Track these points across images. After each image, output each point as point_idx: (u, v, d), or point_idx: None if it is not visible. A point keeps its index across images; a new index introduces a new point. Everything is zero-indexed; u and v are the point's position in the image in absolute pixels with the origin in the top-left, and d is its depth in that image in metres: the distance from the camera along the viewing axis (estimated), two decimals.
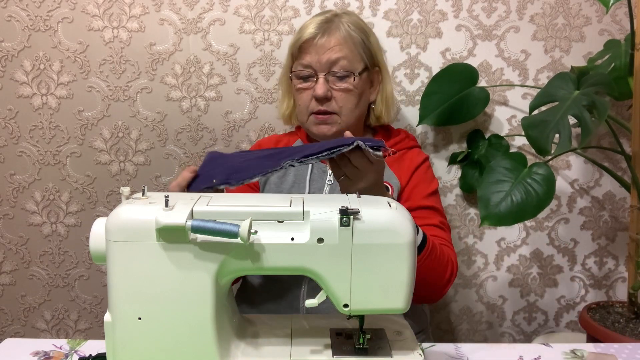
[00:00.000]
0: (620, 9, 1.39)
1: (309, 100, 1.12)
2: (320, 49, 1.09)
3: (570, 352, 0.89)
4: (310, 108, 1.12)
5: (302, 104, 1.13)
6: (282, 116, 1.24)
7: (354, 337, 0.78)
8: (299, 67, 1.12)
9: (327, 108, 1.11)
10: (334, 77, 1.10)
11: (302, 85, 1.12)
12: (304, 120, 1.15)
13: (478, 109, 1.37)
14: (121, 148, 1.44)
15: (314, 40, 1.09)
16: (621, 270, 1.53)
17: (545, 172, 1.15)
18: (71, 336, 1.56)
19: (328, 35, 1.09)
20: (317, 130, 1.13)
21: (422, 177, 1.17)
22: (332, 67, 1.10)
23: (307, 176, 1.14)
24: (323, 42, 1.09)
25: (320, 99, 1.10)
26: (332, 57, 1.09)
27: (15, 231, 1.49)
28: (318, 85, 1.10)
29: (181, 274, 0.69)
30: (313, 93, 1.10)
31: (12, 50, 1.39)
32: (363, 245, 0.69)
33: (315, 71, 1.10)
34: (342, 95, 1.11)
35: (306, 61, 1.11)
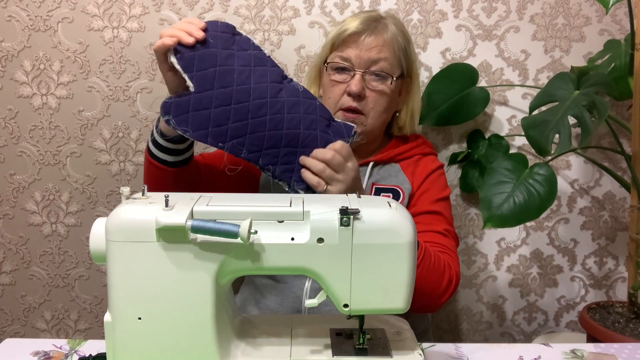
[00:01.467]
0: (620, 9, 1.39)
1: (341, 95, 1.09)
2: (363, 45, 1.07)
3: (570, 352, 0.89)
4: (340, 103, 1.09)
5: (333, 97, 1.10)
6: None
7: (354, 337, 0.78)
8: (337, 59, 1.09)
9: (358, 106, 1.08)
10: (371, 76, 1.08)
11: (336, 78, 1.10)
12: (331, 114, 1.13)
13: (478, 109, 1.37)
14: (121, 148, 1.44)
15: (359, 35, 1.07)
16: (621, 270, 1.53)
17: (547, 173, 1.15)
18: (71, 336, 1.56)
19: (375, 33, 1.07)
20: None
21: (432, 184, 1.15)
22: (372, 66, 1.08)
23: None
24: (369, 39, 1.07)
25: (353, 95, 1.07)
26: (374, 56, 1.07)
27: (15, 231, 1.49)
28: (354, 81, 1.07)
29: (181, 274, 0.69)
30: (347, 88, 1.08)
31: (12, 50, 1.39)
32: (363, 245, 0.70)
33: (353, 66, 1.08)
34: (375, 97, 1.09)
35: (346, 54, 1.08)
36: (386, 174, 1.15)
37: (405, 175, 1.14)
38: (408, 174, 1.15)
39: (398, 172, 1.15)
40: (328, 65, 1.10)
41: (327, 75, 1.11)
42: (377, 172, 1.15)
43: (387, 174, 1.15)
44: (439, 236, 1.08)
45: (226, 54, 0.94)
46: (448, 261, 1.02)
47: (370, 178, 1.13)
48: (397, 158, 1.17)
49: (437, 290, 1.00)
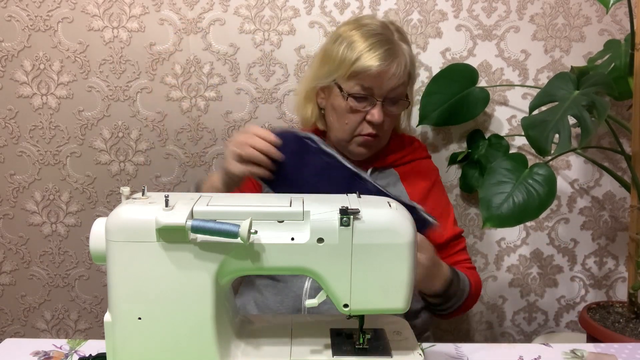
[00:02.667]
0: (620, 9, 1.39)
1: (359, 122, 1.09)
2: (385, 75, 1.05)
3: (570, 352, 0.89)
4: (358, 130, 1.09)
5: (350, 124, 1.09)
6: (306, 122, 1.19)
7: (354, 337, 0.78)
8: (357, 88, 1.07)
9: (377, 132, 1.09)
10: (388, 102, 1.08)
11: (356, 107, 1.08)
12: (346, 139, 1.11)
13: (478, 109, 1.37)
14: (121, 148, 1.44)
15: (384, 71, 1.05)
16: (621, 270, 1.53)
17: (546, 173, 1.15)
18: (71, 336, 1.56)
19: (395, 62, 1.06)
20: (357, 150, 1.12)
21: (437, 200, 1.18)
22: (391, 93, 1.08)
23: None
24: (389, 70, 1.05)
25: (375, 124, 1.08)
26: (394, 85, 1.07)
27: (15, 231, 1.49)
28: (376, 112, 1.07)
29: (181, 274, 0.69)
30: (368, 117, 1.07)
31: (12, 50, 1.39)
32: (363, 245, 0.69)
33: (374, 95, 1.07)
34: (390, 120, 1.11)
35: (369, 84, 1.06)
36: (385, 183, 1.15)
37: (404, 185, 1.15)
38: (406, 184, 1.16)
39: (397, 182, 1.16)
40: (349, 95, 1.07)
41: (342, 101, 1.08)
42: (376, 177, 1.15)
43: (385, 183, 1.15)
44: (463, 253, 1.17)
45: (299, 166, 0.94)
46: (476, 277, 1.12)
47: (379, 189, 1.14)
48: (395, 164, 1.17)
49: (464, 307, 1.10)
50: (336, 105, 1.10)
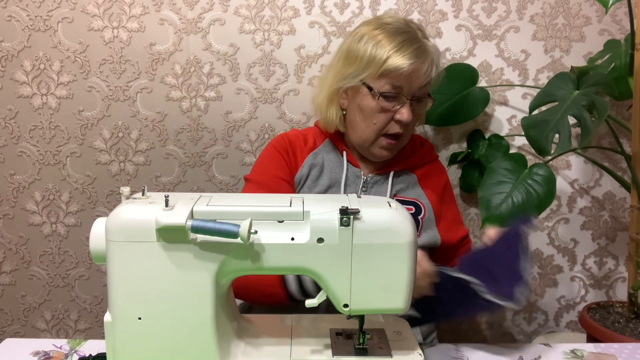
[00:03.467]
0: (620, 9, 1.39)
1: (387, 121, 1.07)
2: (415, 74, 1.05)
3: (570, 352, 0.89)
4: (386, 129, 1.08)
5: (379, 123, 1.08)
6: (329, 124, 1.15)
7: (354, 337, 0.78)
8: (388, 88, 1.05)
9: (403, 131, 1.09)
10: (415, 100, 1.08)
11: (386, 106, 1.06)
12: (371, 139, 1.09)
13: (478, 109, 1.37)
14: (121, 148, 1.44)
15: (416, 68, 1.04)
16: (621, 270, 1.53)
17: (546, 173, 1.15)
18: (71, 336, 1.56)
19: (426, 62, 1.06)
20: (379, 152, 1.10)
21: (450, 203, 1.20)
22: (418, 91, 1.07)
23: (342, 180, 1.12)
24: (421, 67, 1.05)
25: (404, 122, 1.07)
26: (423, 83, 1.06)
27: (15, 231, 1.49)
28: (405, 110, 1.05)
29: (181, 274, 0.69)
30: (397, 116, 1.06)
31: (12, 50, 1.39)
32: (363, 245, 0.70)
33: (403, 93, 1.06)
34: (415, 119, 1.10)
35: (399, 83, 1.05)
36: (405, 185, 1.15)
37: (422, 188, 1.15)
38: (424, 187, 1.16)
39: (415, 185, 1.16)
40: (380, 94, 1.06)
41: (372, 100, 1.07)
42: (397, 181, 1.15)
43: (406, 185, 1.15)
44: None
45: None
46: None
47: (393, 188, 1.13)
48: (413, 167, 1.17)
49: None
50: (364, 106, 1.08)
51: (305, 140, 1.17)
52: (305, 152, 1.14)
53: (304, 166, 1.12)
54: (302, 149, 1.15)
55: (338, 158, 1.15)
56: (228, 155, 1.45)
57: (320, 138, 1.18)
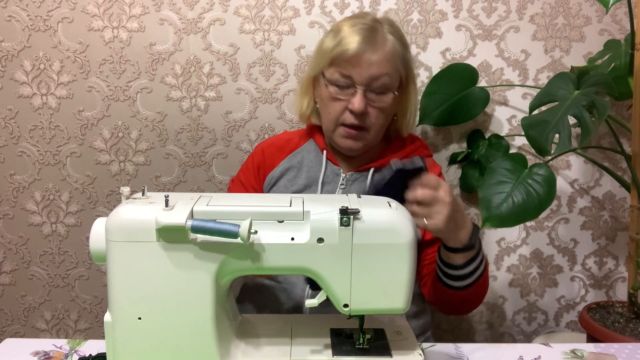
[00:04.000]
0: (620, 9, 1.39)
1: (342, 111, 1.07)
2: (364, 62, 1.04)
3: (570, 352, 0.89)
4: (341, 119, 1.08)
5: (333, 113, 1.08)
6: (301, 115, 1.19)
7: (354, 337, 0.78)
8: (337, 75, 1.06)
9: (360, 123, 1.07)
10: (372, 92, 1.06)
11: (337, 95, 1.07)
12: (331, 129, 1.11)
13: (478, 109, 1.37)
14: (121, 148, 1.44)
15: (361, 54, 1.04)
16: (621, 270, 1.53)
17: (546, 173, 1.15)
18: (71, 336, 1.56)
19: (375, 49, 1.04)
20: (342, 143, 1.10)
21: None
22: (373, 82, 1.05)
23: (319, 178, 1.13)
24: (370, 56, 1.04)
25: (356, 113, 1.06)
26: (375, 73, 1.05)
27: (15, 231, 1.49)
28: (356, 100, 1.05)
29: (181, 274, 0.69)
30: (349, 106, 1.06)
31: (12, 50, 1.39)
32: (363, 245, 0.70)
33: (355, 83, 1.05)
34: (376, 112, 1.08)
35: (347, 72, 1.05)
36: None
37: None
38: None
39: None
40: (328, 82, 1.08)
41: (326, 89, 1.09)
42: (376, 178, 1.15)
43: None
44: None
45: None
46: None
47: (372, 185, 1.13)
48: None
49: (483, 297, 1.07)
50: (322, 95, 1.10)
51: (289, 141, 1.20)
52: (284, 153, 1.18)
53: (278, 168, 1.16)
54: (281, 151, 1.18)
55: (318, 157, 1.16)
56: (228, 155, 1.45)
57: (305, 138, 1.21)
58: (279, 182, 1.15)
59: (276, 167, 1.16)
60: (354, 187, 1.13)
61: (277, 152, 1.18)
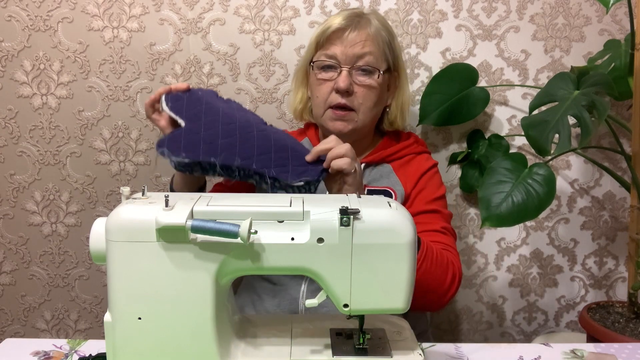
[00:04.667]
0: (620, 9, 1.39)
1: (329, 92, 1.09)
2: (348, 41, 1.06)
3: (570, 352, 0.89)
4: (329, 101, 1.09)
5: (321, 96, 1.10)
6: (294, 111, 1.21)
7: (354, 337, 0.78)
8: (322, 57, 1.09)
9: (347, 102, 1.08)
10: (358, 71, 1.08)
11: (323, 76, 1.09)
12: (320, 113, 1.11)
13: (478, 109, 1.37)
14: (121, 148, 1.44)
15: (343, 31, 1.06)
16: (621, 270, 1.53)
17: (546, 173, 1.15)
18: (71, 336, 1.56)
19: (358, 29, 1.07)
20: (332, 126, 1.10)
21: (427, 183, 1.15)
22: (358, 61, 1.07)
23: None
24: (352, 35, 1.06)
25: (341, 91, 1.07)
26: (359, 51, 1.06)
27: (15, 231, 1.49)
28: (341, 78, 1.06)
29: (181, 274, 0.69)
30: (335, 85, 1.07)
31: (12, 50, 1.39)
32: (363, 245, 0.69)
33: (339, 63, 1.07)
34: (364, 92, 1.08)
35: (331, 51, 1.07)
36: (378, 176, 1.14)
37: (397, 176, 1.14)
38: (400, 175, 1.15)
39: (390, 173, 1.15)
40: (314, 65, 1.10)
41: (313, 74, 1.11)
42: (369, 173, 1.15)
43: (379, 176, 1.14)
44: (438, 234, 1.07)
45: (211, 99, 1.04)
46: (450, 258, 1.02)
47: (364, 179, 1.13)
48: (389, 159, 1.17)
49: (441, 287, 1.00)
50: (311, 83, 1.13)
51: None
52: None
53: None
54: None
55: None
56: None
57: (301, 137, 1.22)
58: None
59: None
60: None
61: None
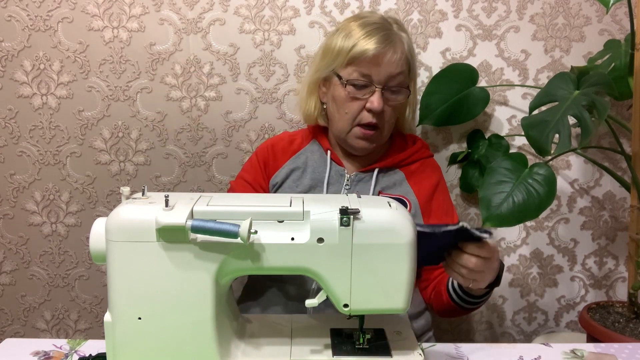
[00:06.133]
0: (620, 9, 1.39)
1: (359, 110, 1.08)
2: (384, 62, 1.06)
3: (570, 352, 0.89)
4: (359, 119, 1.09)
5: (350, 113, 1.09)
6: (307, 116, 1.20)
7: (354, 337, 0.78)
8: (356, 75, 1.07)
9: (377, 121, 1.08)
10: (388, 90, 1.08)
11: (356, 94, 1.08)
12: (346, 129, 1.11)
13: (478, 109, 1.37)
14: (121, 148, 1.44)
15: (382, 55, 1.05)
16: (621, 270, 1.53)
17: (546, 173, 1.15)
18: (71, 336, 1.56)
19: (395, 49, 1.06)
20: (357, 144, 1.11)
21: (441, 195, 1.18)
22: (390, 81, 1.07)
23: (325, 179, 1.13)
24: (388, 56, 1.06)
25: (375, 112, 1.07)
26: (393, 72, 1.06)
27: (15, 231, 1.49)
28: (375, 99, 1.06)
29: (181, 274, 0.69)
30: (367, 105, 1.07)
31: (12, 50, 1.39)
32: (363, 245, 0.70)
33: (373, 82, 1.07)
34: (391, 110, 1.10)
35: (367, 71, 1.06)
36: (391, 182, 1.15)
37: (410, 185, 1.15)
38: (412, 183, 1.15)
39: (402, 181, 1.16)
40: (347, 81, 1.08)
41: (342, 89, 1.09)
42: (382, 178, 1.15)
43: (392, 182, 1.15)
44: None
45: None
46: None
47: (377, 185, 1.14)
48: (401, 164, 1.17)
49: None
50: (336, 95, 1.10)
51: (291, 142, 1.20)
52: (288, 154, 1.18)
53: (283, 169, 1.16)
54: (285, 152, 1.18)
55: (322, 157, 1.16)
56: (228, 155, 1.45)
57: (307, 139, 1.21)
58: (285, 183, 1.15)
59: (281, 168, 1.16)
60: (359, 187, 1.13)
61: (281, 154, 1.18)
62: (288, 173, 1.15)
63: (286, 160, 1.17)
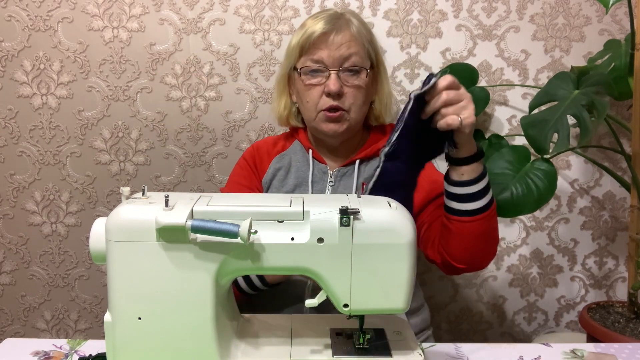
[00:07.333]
0: (620, 9, 1.39)
1: (319, 96, 1.09)
2: (332, 44, 1.07)
3: (570, 352, 0.89)
4: (320, 104, 1.09)
5: (311, 101, 1.10)
6: (279, 117, 1.21)
7: (354, 337, 0.78)
8: (309, 62, 1.09)
9: (339, 104, 1.08)
10: (345, 72, 1.08)
11: (311, 81, 1.09)
12: (312, 117, 1.12)
13: (478, 109, 1.37)
14: (121, 148, 1.44)
15: (327, 35, 1.07)
16: (621, 270, 1.53)
17: (547, 168, 1.15)
18: (71, 336, 1.56)
19: (340, 31, 1.08)
20: (326, 128, 1.11)
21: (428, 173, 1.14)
22: (345, 62, 1.07)
23: (309, 178, 1.14)
24: (337, 37, 1.07)
25: (333, 94, 1.07)
26: (345, 53, 1.07)
27: (15, 231, 1.49)
28: (331, 81, 1.07)
29: (181, 274, 0.69)
30: (325, 89, 1.08)
31: (12, 50, 1.39)
32: (363, 245, 0.69)
33: (327, 66, 1.07)
34: (353, 92, 1.09)
35: (317, 56, 1.07)
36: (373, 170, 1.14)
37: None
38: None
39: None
40: (301, 71, 1.10)
41: (300, 80, 1.11)
42: (364, 169, 1.15)
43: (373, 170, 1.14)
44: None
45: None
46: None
47: (360, 177, 1.14)
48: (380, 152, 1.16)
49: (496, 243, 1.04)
50: (298, 88, 1.12)
51: (275, 144, 1.22)
52: (272, 155, 1.19)
53: (269, 170, 1.17)
54: (269, 153, 1.19)
55: (305, 157, 1.17)
56: (228, 155, 1.45)
57: (290, 140, 1.22)
58: (271, 184, 1.16)
59: (267, 170, 1.17)
60: (343, 182, 1.13)
61: (266, 155, 1.20)
62: (274, 173, 1.17)
63: (271, 161, 1.18)
